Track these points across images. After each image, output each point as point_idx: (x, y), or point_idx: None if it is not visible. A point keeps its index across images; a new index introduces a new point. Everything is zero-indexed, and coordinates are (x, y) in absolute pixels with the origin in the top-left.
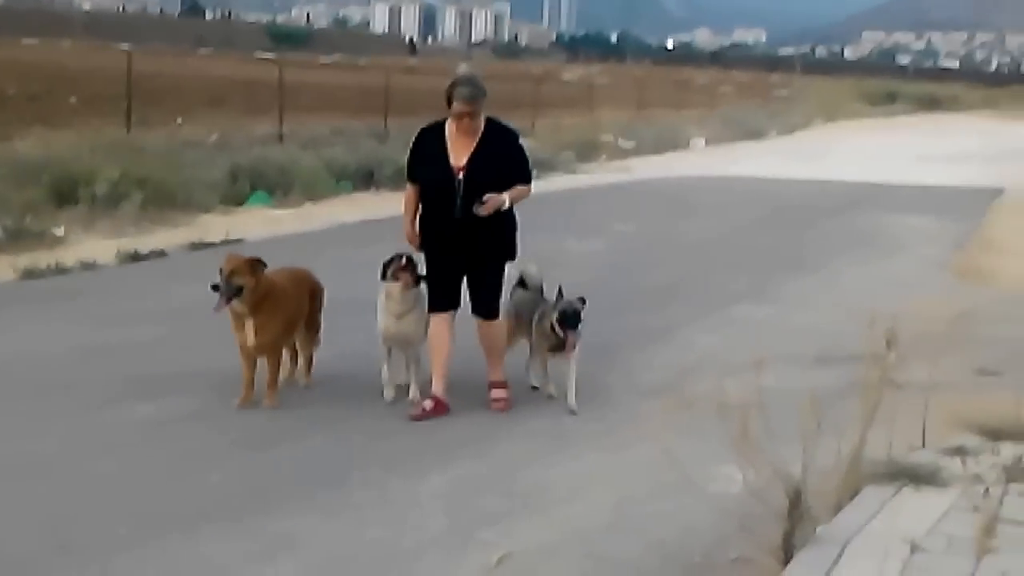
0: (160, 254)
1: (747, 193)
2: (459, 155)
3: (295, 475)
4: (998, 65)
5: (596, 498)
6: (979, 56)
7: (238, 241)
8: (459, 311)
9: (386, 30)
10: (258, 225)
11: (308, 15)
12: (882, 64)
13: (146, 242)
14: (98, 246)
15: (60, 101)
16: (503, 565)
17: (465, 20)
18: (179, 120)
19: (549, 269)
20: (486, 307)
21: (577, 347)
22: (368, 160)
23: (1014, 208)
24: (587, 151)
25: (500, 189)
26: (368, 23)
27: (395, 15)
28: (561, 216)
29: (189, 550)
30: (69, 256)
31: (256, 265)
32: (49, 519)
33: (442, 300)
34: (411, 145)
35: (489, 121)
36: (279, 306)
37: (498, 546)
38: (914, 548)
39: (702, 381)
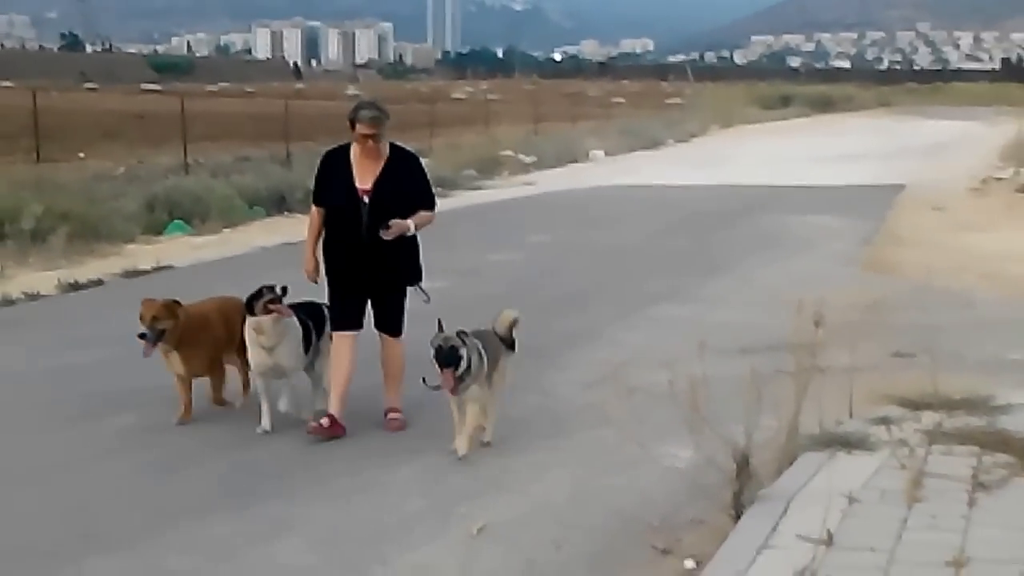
0: (98, 283)
1: (652, 201)
2: (364, 178)
3: (276, 471)
4: (889, 63)
5: (555, 477)
6: (870, 55)
7: (168, 267)
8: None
9: (269, 55)
10: (182, 252)
11: (188, 43)
12: (773, 67)
13: (81, 272)
14: (36, 278)
15: None
16: (483, 534)
17: (348, 41)
18: (81, 154)
19: (470, 281)
20: (391, 324)
21: (473, 388)
22: (278, 185)
23: (915, 203)
24: (488, 167)
25: (405, 213)
26: (250, 49)
27: (277, 40)
28: (474, 231)
29: (202, 532)
30: (12, 288)
31: (173, 307)
32: (68, 513)
33: (346, 321)
34: (317, 169)
35: (393, 146)
36: (203, 335)
37: (475, 518)
38: (851, 500)
39: (635, 373)
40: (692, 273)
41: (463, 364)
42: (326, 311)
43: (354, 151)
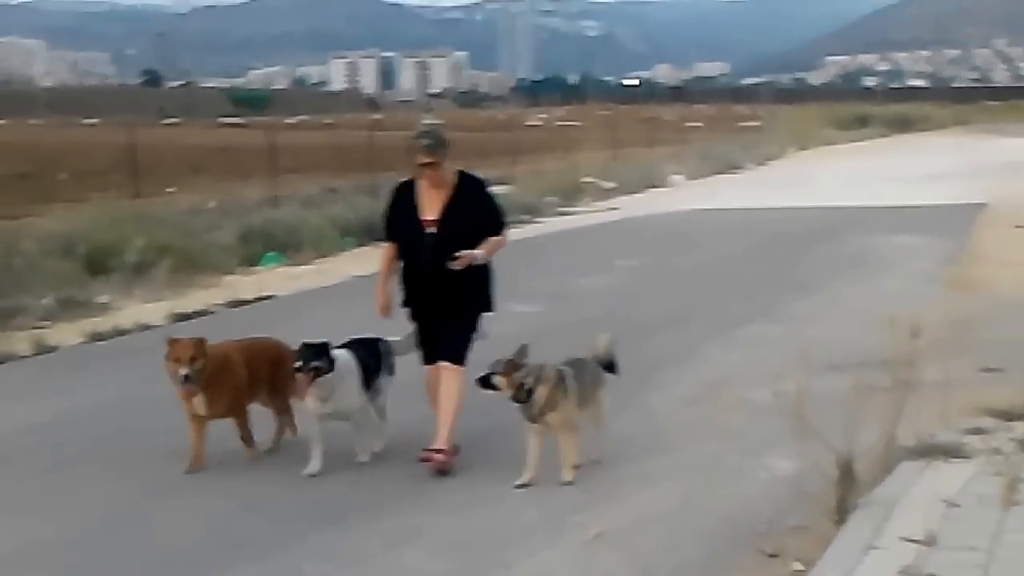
0: (204, 313)
1: (735, 224)
2: (430, 209)
3: (394, 488)
4: (966, 81)
5: (663, 488)
6: (946, 73)
7: (270, 297)
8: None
9: (345, 86)
10: (281, 282)
11: (266, 77)
12: (848, 88)
13: (185, 303)
14: (143, 309)
15: (50, 178)
16: (598, 541)
17: (423, 71)
18: (170, 189)
19: (563, 306)
20: (451, 352)
21: (551, 415)
22: (367, 215)
23: (998, 221)
24: (571, 194)
25: (472, 241)
26: (326, 81)
27: (353, 71)
28: (562, 256)
29: (333, 542)
30: (123, 319)
31: (202, 344)
32: (211, 524)
33: (430, 353)
34: (388, 202)
35: (460, 174)
36: (227, 377)
37: (589, 527)
38: (950, 504)
39: (732, 390)
40: (779, 293)
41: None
42: (383, 346)
43: (420, 182)
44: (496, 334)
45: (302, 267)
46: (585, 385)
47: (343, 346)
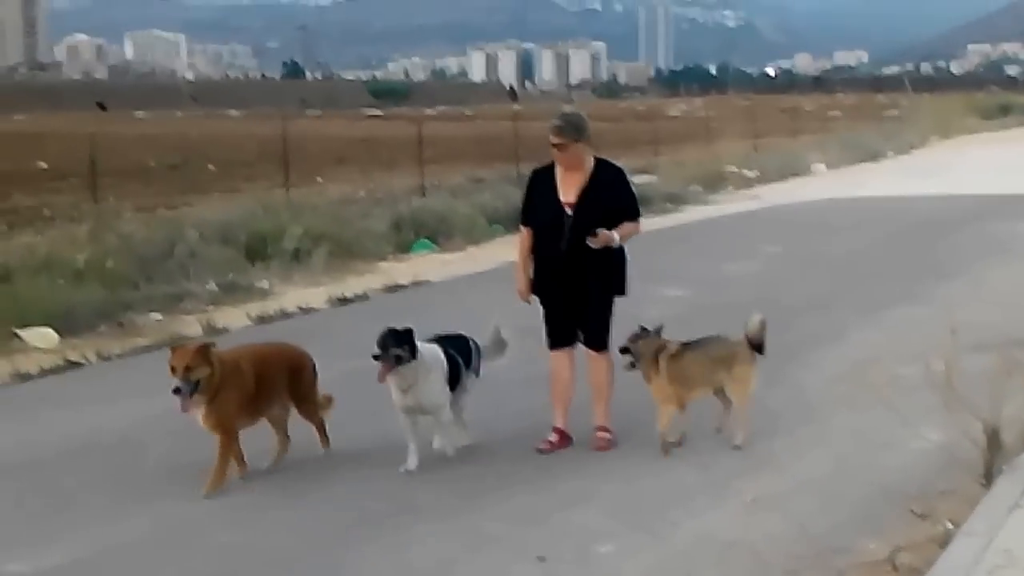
0: (363, 297)
1: (877, 211)
2: (568, 193)
3: (562, 458)
4: None
5: (815, 457)
6: None
7: (425, 283)
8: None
9: (484, 78)
10: (434, 268)
11: (405, 68)
12: (991, 76)
13: (344, 288)
14: (303, 294)
15: (199, 169)
16: (756, 504)
17: (562, 62)
18: (319, 179)
19: (711, 290)
20: (595, 339)
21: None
22: (515, 204)
23: None
24: (713, 182)
25: (609, 225)
26: (465, 72)
27: (492, 62)
28: (709, 243)
29: (509, 504)
30: (286, 303)
31: (207, 351)
32: (392, 489)
33: (558, 337)
34: (525, 188)
35: (598, 160)
36: (231, 387)
37: (748, 491)
38: None
39: (881, 367)
40: (924, 278)
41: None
42: (473, 345)
43: (558, 168)
44: (646, 318)
45: (453, 254)
46: (708, 361)
47: (434, 340)
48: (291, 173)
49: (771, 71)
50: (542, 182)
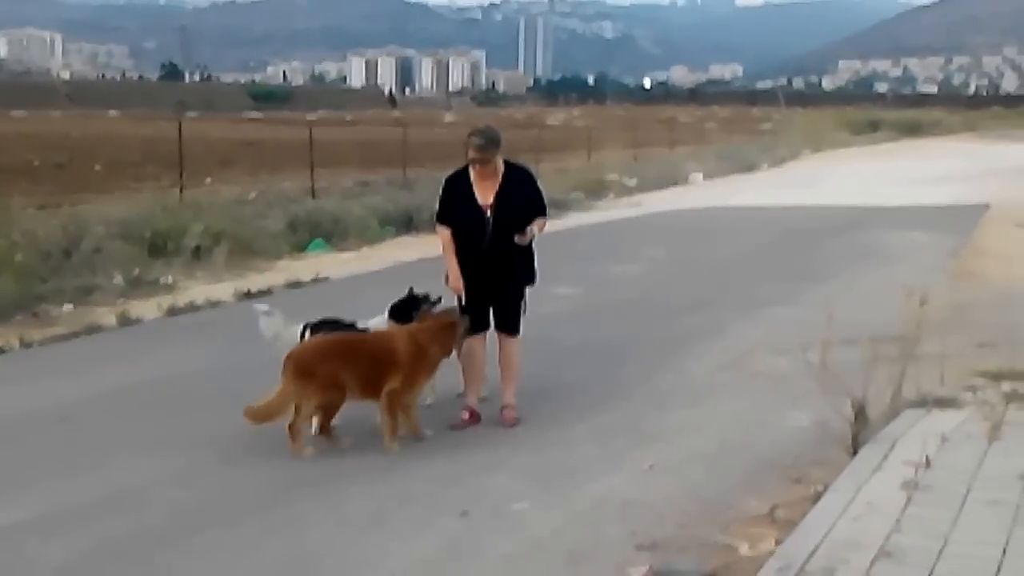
0: (267, 292)
1: (754, 220)
2: (485, 195)
3: (476, 434)
4: (976, 88)
5: (704, 433)
6: (956, 80)
7: (325, 279)
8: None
9: (364, 84)
10: (332, 267)
11: (285, 73)
12: (861, 92)
13: (248, 284)
14: (207, 289)
15: (86, 168)
16: (653, 470)
17: (442, 70)
18: (208, 180)
19: (601, 289)
20: (509, 324)
21: None
22: (405, 207)
23: (1000, 221)
24: (595, 190)
25: (522, 223)
26: (345, 78)
27: (372, 68)
28: (594, 246)
29: (431, 470)
30: (193, 296)
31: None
32: (325, 457)
33: (475, 323)
34: (441, 191)
35: (507, 164)
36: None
37: (644, 459)
38: (944, 439)
39: (758, 359)
40: (798, 281)
41: None
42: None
43: (472, 172)
44: (542, 312)
45: (348, 253)
46: None
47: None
48: (176, 174)
49: (648, 82)
50: (458, 187)
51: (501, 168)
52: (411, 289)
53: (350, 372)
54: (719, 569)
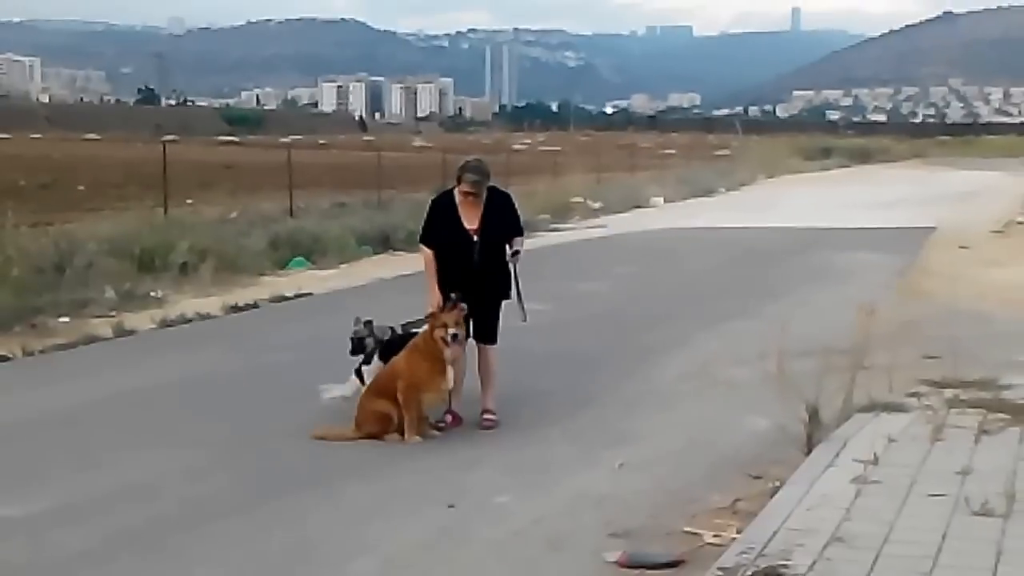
0: (254, 306)
1: (713, 241)
2: (471, 220)
3: (458, 436)
4: (923, 117)
5: (669, 435)
6: (904, 109)
7: (308, 295)
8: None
9: (335, 108)
10: (313, 283)
11: (258, 97)
12: (813, 121)
13: (234, 298)
14: (196, 303)
15: (69, 189)
16: (623, 468)
17: (411, 96)
18: (189, 201)
19: (568, 305)
20: (488, 335)
21: None
22: (382, 227)
23: (945, 242)
24: (561, 212)
25: (504, 242)
26: (316, 103)
27: (343, 94)
28: (562, 265)
29: (417, 465)
30: (184, 308)
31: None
32: (324, 451)
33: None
34: (427, 213)
35: (490, 188)
36: None
37: (615, 458)
38: (890, 440)
39: (719, 369)
40: (755, 297)
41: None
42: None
43: (458, 196)
44: (516, 325)
45: (328, 271)
46: None
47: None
48: (161, 195)
49: (609, 109)
50: (444, 210)
51: (484, 193)
52: (357, 318)
53: None
54: (686, 554)
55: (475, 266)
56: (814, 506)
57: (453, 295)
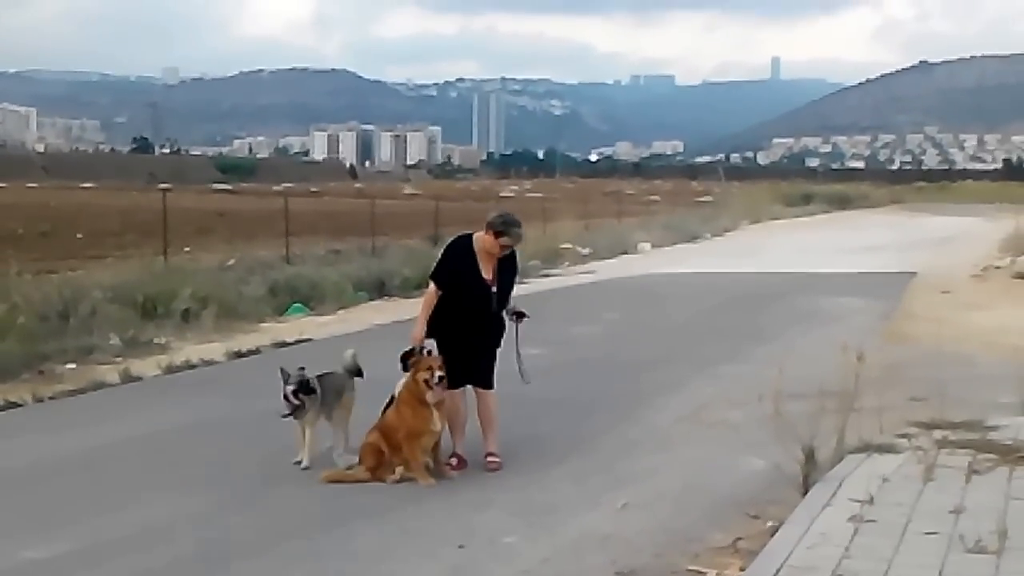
0: (256, 352)
1: (701, 286)
2: (487, 270)
3: (463, 479)
4: (900, 164)
5: (668, 476)
6: (882, 156)
7: (308, 340)
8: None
9: (325, 156)
10: (312, 329)
11: (250, 146)
12: (793, 167)
13: (237, 344)
14: (198, 349)
15: (68, 237)
16: (625, 509)
17: (400, 144)
18: (187, 248)
19: (562, 349)
20: (486, 380)
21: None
22: (378, 273)
23: (926, 287)
24: (551, 258)
25: (509, 292)
26: (308, 151)
27: (333, 142)
28: (554, 310)
29: (427, 507)
30: (188, 355)
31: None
32: (332, 494)
33: (457, 379)
34: (442, 254)
35: None
36: None
37: (619, 499)
38: (884, 480)
39: (714, 411)
40: (744, 341)
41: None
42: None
43: (477, 244)
44: (512, 370)
45: (326, 317)
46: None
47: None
48: (159, 242)
49: (594, 156)
50: (462, 256)
51: None
52: (301, 368)
53: None
54: None
55: (489, 315)
56: (814, 544)
57: (423, 346)
